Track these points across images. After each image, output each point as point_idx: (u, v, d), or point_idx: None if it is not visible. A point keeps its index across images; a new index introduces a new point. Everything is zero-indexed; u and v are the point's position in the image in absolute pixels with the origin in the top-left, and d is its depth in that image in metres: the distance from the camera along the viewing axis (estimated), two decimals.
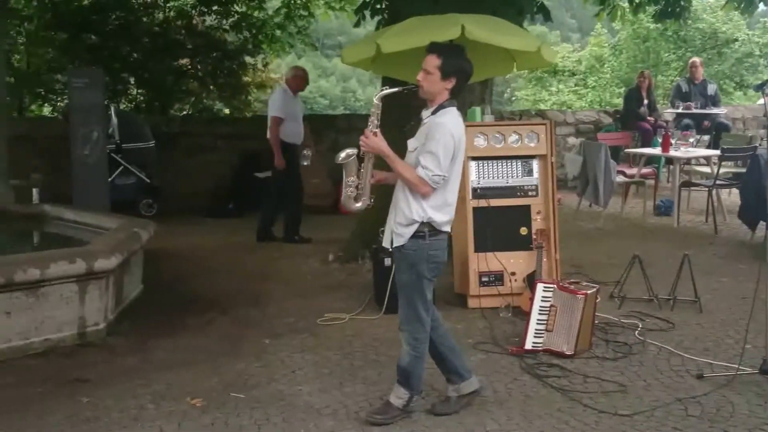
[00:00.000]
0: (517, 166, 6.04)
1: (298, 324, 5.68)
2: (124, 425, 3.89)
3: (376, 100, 3.89)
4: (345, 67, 48.11)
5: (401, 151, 3.94)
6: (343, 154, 3.93)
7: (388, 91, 3.94)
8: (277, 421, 3.99)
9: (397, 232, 3.84)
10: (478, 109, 6.29)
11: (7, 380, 4.46)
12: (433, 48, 3.87)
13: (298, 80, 8.57)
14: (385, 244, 4.00)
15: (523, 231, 5.98)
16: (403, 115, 4.42)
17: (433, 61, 3.79)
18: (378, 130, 3.84)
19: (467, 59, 3.89)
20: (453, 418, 3.97)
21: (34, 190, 8.30)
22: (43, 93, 14.31)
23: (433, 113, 3.83)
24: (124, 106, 13.88)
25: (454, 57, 3.84)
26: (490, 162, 6.00)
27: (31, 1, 12.90)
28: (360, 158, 3.94)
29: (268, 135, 8.37)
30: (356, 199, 3.96)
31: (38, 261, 4.95)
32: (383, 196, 4.06)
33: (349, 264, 7.26)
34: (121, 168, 9.83)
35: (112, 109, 10.13)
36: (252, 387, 4.45)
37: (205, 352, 5.06)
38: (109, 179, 9.46)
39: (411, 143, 3.89)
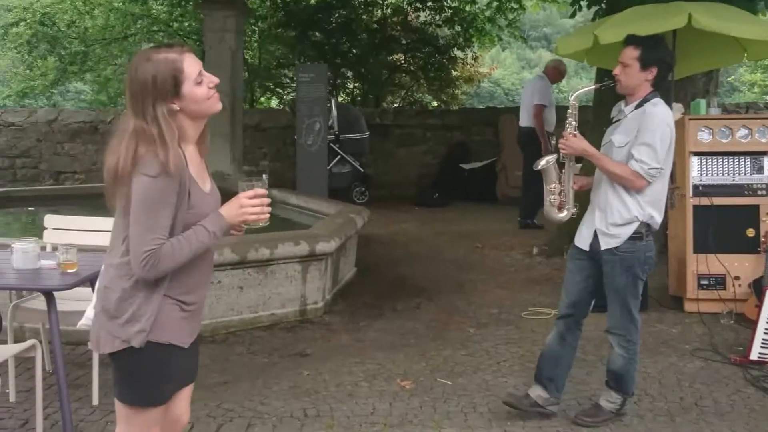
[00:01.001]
0: (745, 162, 5.65)
1: (502, 315, 5.73)
2: (340, 399, 4.14)
3: (572, 100, 3.78)
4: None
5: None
6: (542, 162, 3.81)
7: (583, 89, 3.80)
8: (483, 410, 4.05)
9: (609, 233, 3.70)
10: (702, 102, 5.96)
11: (238, 350, 4.91)
12: (631, 40, 3.73)
13: (558, 73, 8.90)
14: (582, 245, 3.82)
15: (750, 233, 5.59)
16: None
17: (630, 53, 3.66)
18: (577, 132, 3.74)
19: (668, 49, 3.72)
20: (669, 426, 3.83)
21: (264, 176, 8.97)
22: (271, 86, 15.44)
23: (638, 106, 3.69)
24: (342, 98, 14.60)
25: (653, 47, 3.68)
26: (714, 158, 5.66)
27: (265, 1, 13.89)
28: (560, 163, 3.81)
29: (527, 123, 8.64)
30: (559, 208, 3.82)
31: (268, 241, 5.39)
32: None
33: (554, 258, 7.18)
34: (338, 157, 10.37)
35: (332, 101, 10.72)
36: (458, 374, 4.55)
37: (414, 336, 5.25)
38: (327, 167, 10.03)
39: (617, 139, 3.71)
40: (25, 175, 10.91)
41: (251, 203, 2.36)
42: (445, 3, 14.35)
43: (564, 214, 3.83)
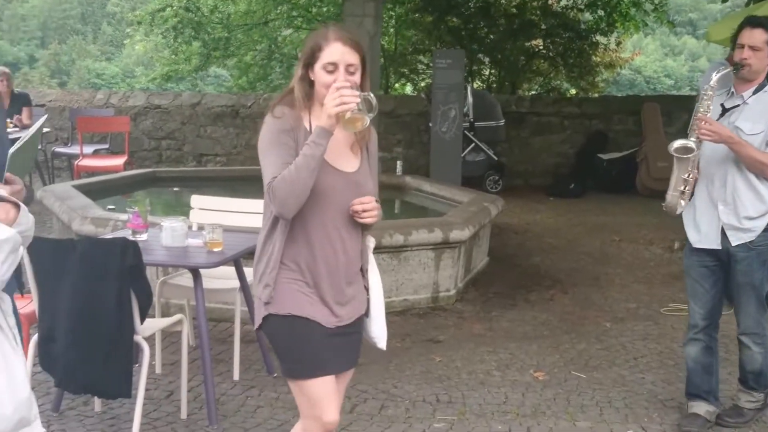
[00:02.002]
0: None
1: (640, 311, 5.52)
2: (472, 387, 4.12)
3: (713, 83, 3.42)
4: (695, 46, 44.71)
5: None
6: (677, 144, 3.44)
7: (720, 74, 3.49)
8: (619, 405, 3.93)
9: (743, 228, 3.46)
10: None
11: None
12: (757, 22, 3.46)
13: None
14: (709, 245, 3.54)
15: None
16: None
17: (761, 36, 3.40)
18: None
19: None
20: None
21: (398, 163, 9.03)
22: (406, 72, 15.48)
23: (756, 91, 3.47)
24: (477, 85, 14.46)
25: None
26: None
27: None
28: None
29: None
30: (683, 200, 3.53)
31: (402, 228, 5.41)
32: None
33: None
34: (472, 145, 10.27)
35: (468, 88, 10.62)
36: (593, 368, 4.42)
37: (547, 328, 5.14)
38: (461, 155, 9.95)
39: (746, 126, 3.44)
40: (169, 156, 11.46)
41: (332, 96, 2.34)
42: None
43: (683, 206, 3.56)
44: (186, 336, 3.72)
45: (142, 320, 3.31)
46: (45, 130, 8.36)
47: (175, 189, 7.83)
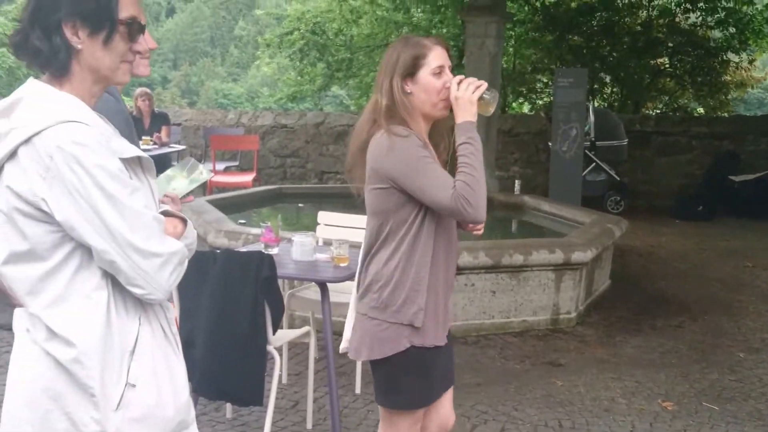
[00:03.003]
0: None
1: None
2: (597, 414, 4.02)
3: None
4: None
5: None
6: None
7: None
8: None
9: None
10: None
11: (490, 353, 4.94)
12: None
13: None
14: None
15: None
16: None
17: None
18: None
19: None
20: None
21: (516, 182, 8.97)
22: (524, 92, 15.35)
23: None
24: (598, 104, 14.16)
25: None
26: None
27: (524, 5, 13.85)
28: None
29: None
30: None
31: (522, 247, 5.36)
32: None
33: None
34: (593, 164, 10.06)
35: (590, 107, 10.42)
36: (726, 400, 4.23)
37: (676, 356, 4.95)
38: (582, 174, 9.77)
39: None
40: (293, 173, 11.84)
41: (462, 87, 2.34)
42: (718, 4, 13.35)
43: None
44: (313, 347, 3.83)
45: (274, 331, 3.43)
46: (180, 147, 8.83)
47: (300, 205, 8.09)
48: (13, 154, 1.53)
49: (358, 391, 4.22)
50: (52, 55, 1.58)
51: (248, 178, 9.23)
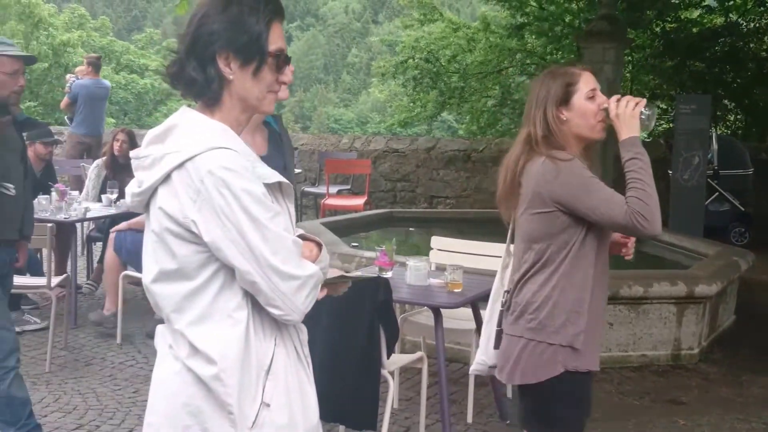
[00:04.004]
0: None
1: None
2: None
3: None
4: None
5: None
6: None
7: None
8: None
9: None
10: None
11: (607, 387, 4.78)
12: None
13: None
14: None
15: None
16: None
17: None
18: None
19: None
20: None
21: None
22: None
23: None
24: (721, 131, 13.60)
25: None
26: None
27: (645, 31, 13.52)
28: None
29: None
30: None
31: (642, 279, 5.18)
32: None
33: None
34: (716, 194, 9.63)
35: (713, 134, 10.00)
36: None
37: None
38: (704, 204, 9.37)
39: None
40: (403, 197, 11.91)
41: (621, 105, 2.36)
42: None
43: None
44: (426, 373, 3.82)
45: (388, 355, 3.45)
46: (296, 171, 9.07)
47: (411, 229, 8.13)
48: (166, 178, 1.61)
49: (469, 420, 4.16)
50: (206, 85, 1.66)
51: (360, 201, 9.36)
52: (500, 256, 2.72)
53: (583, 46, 8.84)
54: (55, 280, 5.04)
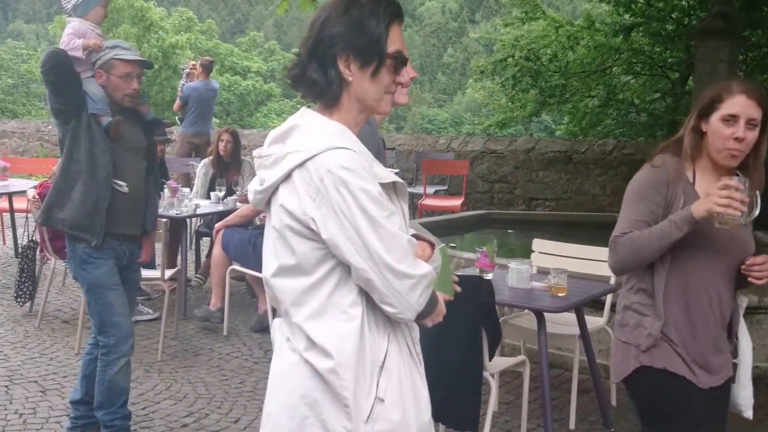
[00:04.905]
0: None
1: None
2: None
3: None
4: None
5: None
6: None
7: None
8: None
9: None
10: None
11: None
12: None
13: None
14: None
15: None
16: None
17: None
18: None
19: None
20: None
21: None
22: None
23: None
24: None
25: None
26: None
27: (765, 30, 12.92)
28: None
29: None
30: None
31: (756, 288, 4.91)
32: None
33: None
34: None
35: None
36: None
37: None
38: None
39: None
40: (501, 199, 11.80)
41: (720, 193, 2.22)
42: None
43: None
44: (527, 377, 3.78)
45: (491, 357, 3.43)
46: (394, 171, 9.14)
47: (509, 231, 8.04)
48: (287, 177, 1.67)
49: (572, 426, 4.09)
50: (327, 86, 1.71)
51: (457, 202, 9.35)
52: (605, 261, 2.68)
53: (697, 44, 8.52)
54: (168, 273, 5.24)
